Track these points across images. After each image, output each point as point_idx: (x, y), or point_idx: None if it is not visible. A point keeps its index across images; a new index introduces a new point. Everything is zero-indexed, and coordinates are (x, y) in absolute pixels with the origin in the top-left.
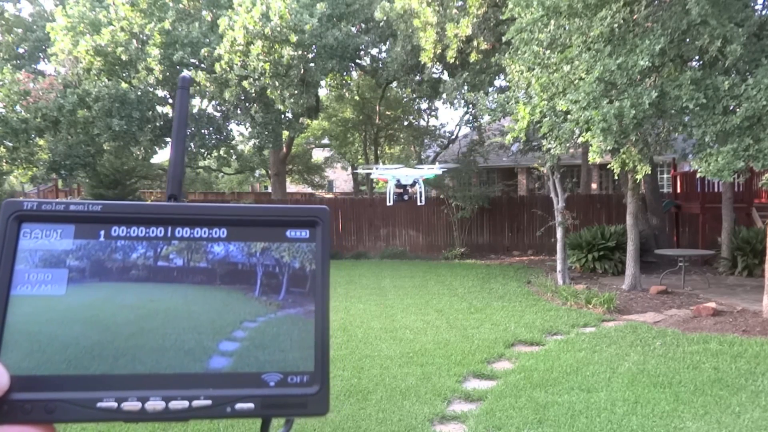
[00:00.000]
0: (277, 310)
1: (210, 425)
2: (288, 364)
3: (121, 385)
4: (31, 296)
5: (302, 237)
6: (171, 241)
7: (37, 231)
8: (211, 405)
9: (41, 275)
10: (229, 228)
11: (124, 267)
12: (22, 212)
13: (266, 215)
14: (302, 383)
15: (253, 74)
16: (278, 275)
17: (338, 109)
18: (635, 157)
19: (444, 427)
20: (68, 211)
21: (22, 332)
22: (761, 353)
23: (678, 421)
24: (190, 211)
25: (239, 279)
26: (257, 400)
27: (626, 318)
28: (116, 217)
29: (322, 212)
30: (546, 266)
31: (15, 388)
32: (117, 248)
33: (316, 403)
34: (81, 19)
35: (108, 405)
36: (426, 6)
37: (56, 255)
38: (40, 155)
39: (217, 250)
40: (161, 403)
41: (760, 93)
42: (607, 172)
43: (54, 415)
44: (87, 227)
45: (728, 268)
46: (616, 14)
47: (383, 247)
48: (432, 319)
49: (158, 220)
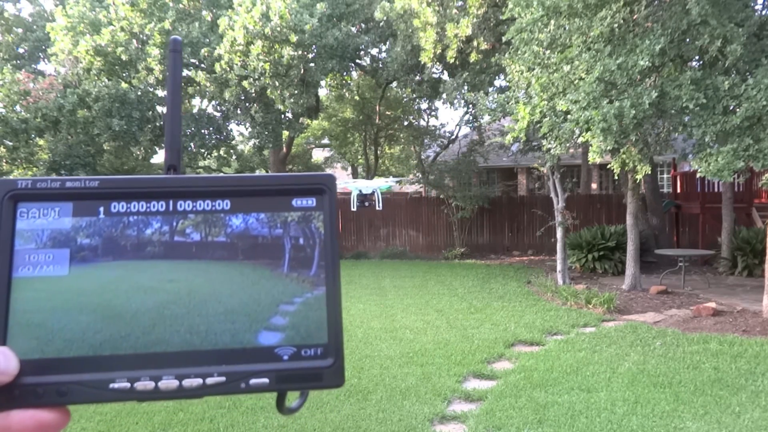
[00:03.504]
0: (314, 288)
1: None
2: (297, 337)
3: (133, 365)
4: (33, 278)
5: (309, 206)
6: (173, 216)
7: (34, 210)
8: (226, 381)
9: (42, 256)
10: (232, 199)
11: (125, 244)
12: (17, 191)
13: (271, 184)
14: (316, 356)
15: (253, 74)
16: (297, 247)
17: (338, 109)
18: (635, 157)
19: (444, 427)
20: (65, 188)
21: (27, 315)
22: (761, 353)
23: (678, 421)
24: (192, 183)
25: (251, 253)
26: (272, 374)
27: (626, 318)
28: (115, 192)
29: (328, 179)
30: (546, 266)
31: (25, 372)
32: (117, 225)
33: (332, 375)
34: (81, 19)
35: (121, 385)
36: (426, 6)
37: (56, 234)
38: (40, 155)
39: (221, 222)
40: (174, 381)
41: (760, 93)
42: (607, 172)
43: (66, 397)
44: (85, 204)
45: (728, 268)
46: (616, 14)
47: (383, 247)
48: (432, 319)
49: (159, 194)
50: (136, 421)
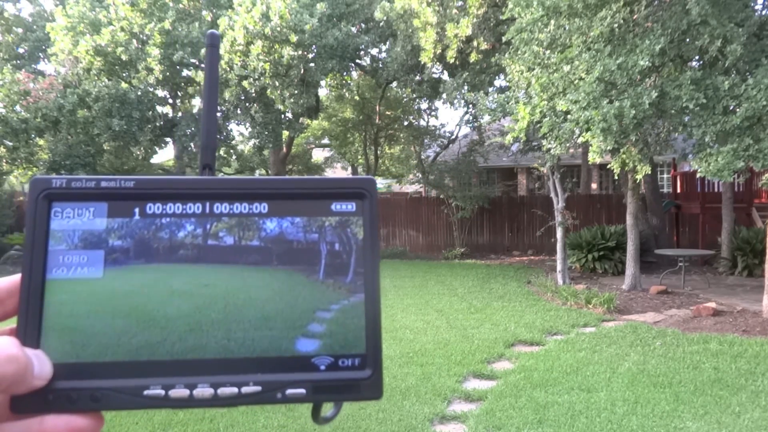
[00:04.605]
0: (350, 296)
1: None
2: (334, 346)
3: (168, 372)
4: (67, 279)
5: (348, 210)
6: (209, 218)
7: (69, 210)
8: (261, 391)
9: (76, 257)
10: (270, 202)
11: (159, 246)
12: (52, 190)
13: (311, 188)
14: (354, 366)
15: (253, 74)
16: (334, 253)
17: (338, 109)
18: (635, 157)
19: (444, 427)
20: (100, 188)
21: (61, 318)
22: (761, 353)
23: (678, 421)
24: (229, 186)
25: (286, 258)
26: (308, 385)
27: (626, 318)
28: (150, 193)
29: (369, 183)
30: (546, 266)
31: (59, 377)
32: (152, 226)
33: (370, 387)
34: (81, 19)
35: (155, 392)
36: (426, 6)
37: (90, 235)
38: (40, 155)
39: (257, 226)
40: (209, 389)
41: (760, 93)
42: (607, 172)
43: (100, 403)
44: (120, 205)
45: (728, 268)
46: (616, 14)
47: (383, 247)
48: (432, 319)
49: (195, 195)
50: (136, 420)
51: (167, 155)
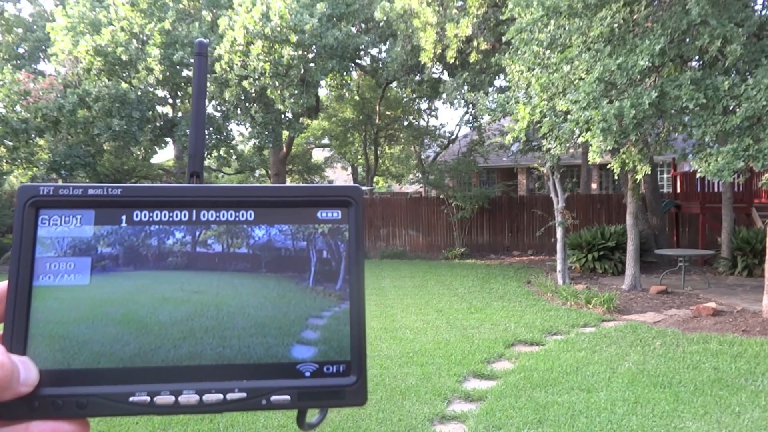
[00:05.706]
0: (341, 303)
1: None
2: (323, 353)
3: (154, 379)
4: (54, 287)
5: (334, 218)
6: (196, 225)
7: (56, 217)
8: (246, 397)
9: (63, 264)
10: (256, 210)
11: (147, 253)
12: (39, 198)
13: (296, 195)
14: (339, 373)
15: (253, 74)
16: (322, 260)
17: (338, 109)
18: (635, 157)
19: (444, 427)
20: (87, 195)
21: (47, 325)
22: (761, 353)
23: (678, 421)
24: (215, 193)
25: (275, 266)
26: (293, 391)
27: (626, 318)
28: (138, 200)
29: (355, 191)
30: (546, 266)
31: (45, 383)
32: (140, 234)
33: (354, 393)
34: (81, 19)
35: (140, 399)
36: (426, 6)
37: (77, 242)
38: (40, 155)
39: (245, 233)
40: (195, 396)
41: (760, 93)
42: (607, 172)
43: (86, 410)
44: (108, 212)
45: (728, 268)
46: (616, 14)
47: (383, 247)
48: (432, 319)
49: (182, 203)
50: (136, 420)
51: (167, 155)
